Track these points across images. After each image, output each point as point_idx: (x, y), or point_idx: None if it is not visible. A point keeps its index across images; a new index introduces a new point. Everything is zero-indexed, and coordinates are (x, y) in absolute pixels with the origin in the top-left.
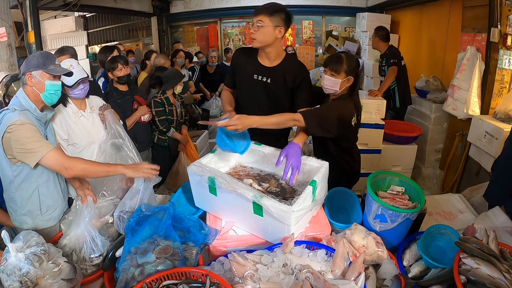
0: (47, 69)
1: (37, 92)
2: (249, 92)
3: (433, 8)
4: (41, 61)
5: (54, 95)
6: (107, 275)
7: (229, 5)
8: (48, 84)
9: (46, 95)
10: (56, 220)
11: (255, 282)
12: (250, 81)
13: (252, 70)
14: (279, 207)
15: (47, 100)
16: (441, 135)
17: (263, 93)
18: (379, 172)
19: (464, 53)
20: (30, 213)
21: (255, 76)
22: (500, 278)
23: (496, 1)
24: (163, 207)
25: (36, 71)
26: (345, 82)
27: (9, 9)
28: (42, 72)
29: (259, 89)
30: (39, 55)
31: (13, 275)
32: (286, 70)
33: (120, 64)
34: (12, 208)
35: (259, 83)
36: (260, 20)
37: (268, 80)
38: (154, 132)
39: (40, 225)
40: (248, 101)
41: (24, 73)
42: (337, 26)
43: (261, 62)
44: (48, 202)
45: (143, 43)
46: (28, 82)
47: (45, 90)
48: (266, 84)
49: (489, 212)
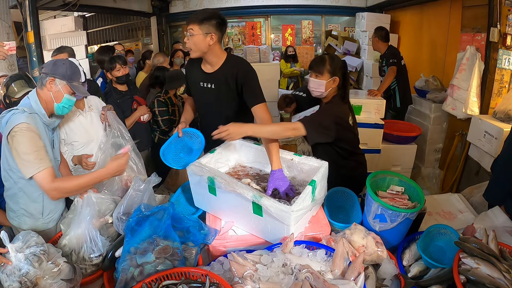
0: (72, 84)
1: (53, 99)
2: (201, 100)
3: (433, 8)
4: (69, 74)
5: (66, 109)
6: (107, 275)
7: (229, 5)
8: (66, 98)
9: (59, 107)
10: (55, 222)
11: (254, 282)
12: (199, 89)
13: (198, 78)
14: (278, 207)
15: (58, 111)
16: (440, 135)
17: (211, 99)
18: (378, 172)
19: (463, 53)
20: (31, 216)
21: (201, 83)
22: (500, 278)
23: (496, 1)
24: (163, 207)
25: (60, 80)
26: (331, 82)
27: (9, 9)
28: (66, 85)
29: (207, 96)
30: (69, 67)
31: (13, 275)
32: (226, 72)
33: (118, 64)
34: (13, 208)
35: (205, 90)
36: (191, 29)
37: (212, 85)
38: (154, 132)
39: (39, 227)
40: (203, 108)
41: (48, 74)
42: (336, 26)
43: (203, 69)
44: (51, 207)
45: (143, 43)
46: (48, 86)
47: (61, 102)
48: (211, 89)
49: (488, 212)
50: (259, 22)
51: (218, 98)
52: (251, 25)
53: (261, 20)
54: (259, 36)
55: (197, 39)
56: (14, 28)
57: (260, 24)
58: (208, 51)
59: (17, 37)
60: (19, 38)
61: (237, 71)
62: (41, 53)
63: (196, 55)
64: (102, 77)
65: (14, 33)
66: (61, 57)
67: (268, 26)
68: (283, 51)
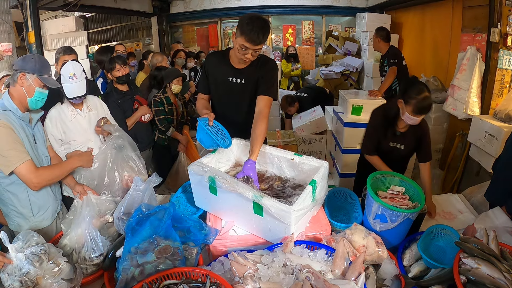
0: (42, 77)
1: (25, 94)
2: (226, 95)
3: (434, 8)
4: (38, 67)
5: (40, 102)
6: (107, 275)
7: (229, 5)
8: (37, 91)
9: (32, 101)
10: (50, 220)
11: (255, 282)
12: (226, 84)
13: (227, 73)
14: (279, 206)
15: (32, 105)
16: (441, 135)
17: (238, 94)
18: (379, 172)
19: (464, 53)
20: (23, 216)
21: (229, 79)
22: (500, 278)
23: (496, 1)
24: (163, 207)
25: (30, 75)
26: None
27: (9, 9)
28: (36, 78)
29: (235, 91)
30: (38, 60)
31: (14, 275)
32: (257, 69)
33: (118, 65)
34: (5, 211)
35: (234, 85)
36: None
37: (242, 81)
38: (154, 132)
39: (34, 227)
40: (226, 104)
41: (18, 70)
42: (337, 26)
43: (234, 65)
44: (38, 203)
45: (143, 43)
46: (19, 81)
47: (33, 96)
48: (240, 85)
49: (489, 212)
50: None
51: (245, 94)
52: None
53: None
54: None
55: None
56: (15, 28)
57: None
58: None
59: (18, 37)
60: (20, 38)
61: (264, 65)
62: (41, 53)
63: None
64: (102, 77)
65: (15, 33)
66: (70, 58)
67: None
68: (283, 51)
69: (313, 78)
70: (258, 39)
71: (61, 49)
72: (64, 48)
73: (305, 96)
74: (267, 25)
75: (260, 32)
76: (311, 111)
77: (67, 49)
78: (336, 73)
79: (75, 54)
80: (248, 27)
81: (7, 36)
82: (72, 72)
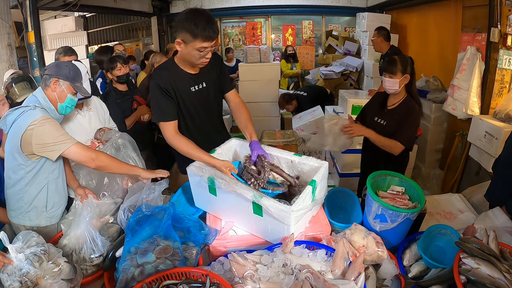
0: (75, 85)
1: (57, 99)
2: (194, 106)
3: (434, 8)
4: (72, 75)
5: (69, 108)
6: (107, 275)
7: (229, 5)
8: (69, 98)
9: (63, 106)
10: (58, 218)
11: (255, 282)
12: (191, 96)
13: (188, 84)
14: (278, 207)
15: (62, 110)
16: (441, 135)
17: (204, 99)
18: (379, 172)
19: (464, 53)
20: (35, 209)
21: (192, 88)
22: (500, 278)
23: (496, 1)
24: (163, 207)
25: (63, 81)
26: (403, 80)
27: (9, 9)
28: (69, 85)
29: (200, 98)
30: (72, 68)
31: (13, 275)
32: (209, 65)
33: (119, 64)
34: (15, 205)
35: (198, 92)
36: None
37: (204, 84)
38: (154, 132)
39: (42, 223)
40: (197, 114)
41: (51, 76)
42: (337, 26)
43: (190, 72)
44: (55, 199)
45: (143, 43)
46: (52, 86)
47: (64, 102)
48: (203, 89)
49: (489, 212)
50: (259, 22)
51: (209, 96)
52: (252, 25)
53: (262, 20)
54: (260, 36)
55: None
56: (14, 28)
57: (260, 24)
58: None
59: (18, 37)
60: (19, 38)
61: (214, 60)
62: (41, 53)
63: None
64: (101, 78)
65: (15, 33)
66: (69, 60)
67: (269, 26)
68: (283, 51)
69: (313, 78)
70: (214, 33)
71: (61, 50)
72: (64, 48)
73: (304, 95)
74: (210, 15)
75: (213, 26)
76: (310, 111)
77: (68, 50)
78: (336, 73)
79: (76, 55)
80: (198, 27)
81: (7, 36)
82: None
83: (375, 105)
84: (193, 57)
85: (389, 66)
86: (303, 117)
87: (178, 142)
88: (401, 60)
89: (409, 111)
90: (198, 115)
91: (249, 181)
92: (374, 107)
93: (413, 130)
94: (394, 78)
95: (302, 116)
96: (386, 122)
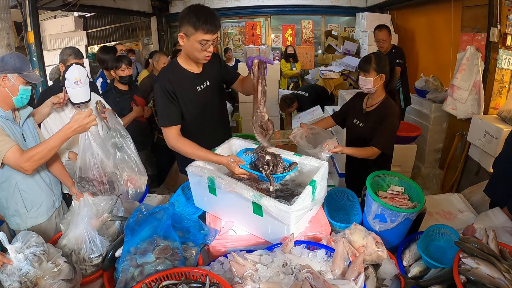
0: (23, 74)
1: (9, 94)
2: (201, 105)
3: (433, 7)
4: (18, 66)
5: (25, 99)
6: (107, 275)
7: (229, 5)
8: (21, 89)
9: (18, 99)
10: (46, 216)
11: (254, 282)
12: (198, 95)
13: (193, 84)
14: (278, 207)
15: (18, 103)
16: (440, 135)
17: (211, 97)
18: (378, 172)
19: (463, 53)
20: (18, 213)
21: (198, 88)
22: (500, 278)
23: (496, 1)
24: (163, 207)
25: (12, 74)
26: (378, 79)
27: (9, 9)
28: (18, 77)
29: (207, 96)
30: (17, 59)
31: (13, 275)
32: (210, 61)
33: (124, 64)
34: (1, 211)
35: (204, 91)
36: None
37: (208, 82)
38: (153, 132)
39: (30, 224)
40: (203, 114)
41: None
42: (336, 26)
43: (194, 71)
44: (30, 198)
45: (143, 43)
46: (1, 83)
47: (18, 94)
48: (208, 88)
49: (489, 212)
50: (259, 22)
51: (214, 94)
52: (251, 25)
53: (261, 20)
54: (259, 36)
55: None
56: (14, 28)
57: (260, 24)
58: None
59: (17, 37)
60: (19, 38)
61: (213, 57)
62: (41, 53)
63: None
64: (102, 77)
65: (14, 33)
66: (77, 63)
67: (268, 26)
68: (283, 51)
69: (312, 78)
70: (216, 26)
71: (70, 51)
72: (75, 51)
73: (305, 95)
74: (212, 10)
75: (214, 18)
76: (310, 111)
77: (78, 53)
78: (336, 73)
79: (83, 59)
80: (200, 20)
81: (6, 36)
82: (78, 77)
83: (356, 105)
84: (196, 50)
85: (363, 64)
86: (303, 117)
87: (182, 144)
88: (376, 58)
89: (386, 113)
90: (204, 114)
91: (264, 170)
92: (355, 107)
93: (390, 134)
94: (367, 77)
95: (302, 116)
96: (364, 124)
